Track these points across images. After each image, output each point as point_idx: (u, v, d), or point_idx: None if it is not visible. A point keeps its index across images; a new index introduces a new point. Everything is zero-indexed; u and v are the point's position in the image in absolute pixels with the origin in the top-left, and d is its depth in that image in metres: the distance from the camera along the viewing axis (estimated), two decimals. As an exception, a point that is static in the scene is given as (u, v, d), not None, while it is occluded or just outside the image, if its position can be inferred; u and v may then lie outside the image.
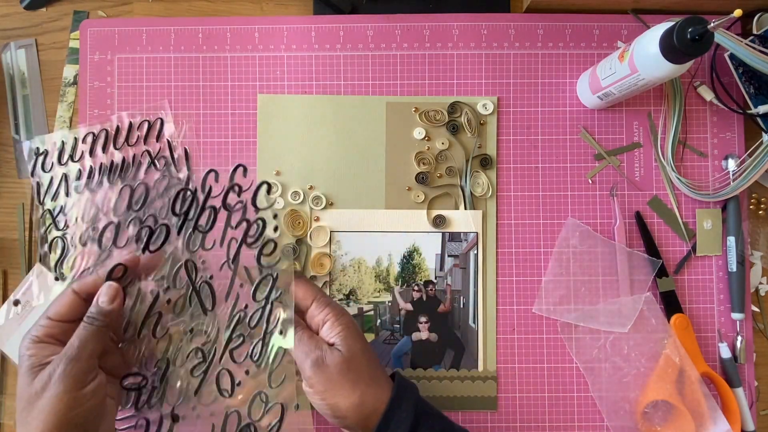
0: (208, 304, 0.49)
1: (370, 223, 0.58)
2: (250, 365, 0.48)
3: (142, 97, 0.59)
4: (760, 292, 0.59)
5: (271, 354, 0.48)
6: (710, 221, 0.58)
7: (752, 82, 0.57)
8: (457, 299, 0.58)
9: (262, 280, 0.48)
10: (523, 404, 0.57)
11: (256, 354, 0.48)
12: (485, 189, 0.58)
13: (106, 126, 0.58)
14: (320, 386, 0.44)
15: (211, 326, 0.49)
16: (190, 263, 0.50)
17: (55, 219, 0.57)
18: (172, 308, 0.49)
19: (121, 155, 0.58)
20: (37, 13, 0.61)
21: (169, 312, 0.49)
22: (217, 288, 0.50)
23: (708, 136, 0.59)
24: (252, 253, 0.49)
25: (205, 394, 0.48)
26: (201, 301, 0.49)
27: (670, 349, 0.56)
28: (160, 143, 0.58)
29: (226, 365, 0.48)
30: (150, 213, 0.53)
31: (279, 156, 0.59)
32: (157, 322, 0.48)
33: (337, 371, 0.44)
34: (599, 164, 0.59)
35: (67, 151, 0.58)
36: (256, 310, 0.48)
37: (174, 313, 0.49)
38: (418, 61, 0.59)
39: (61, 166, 0.58)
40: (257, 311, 0.48)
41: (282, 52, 0.59)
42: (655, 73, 0.46)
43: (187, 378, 0.49)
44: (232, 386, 0.48)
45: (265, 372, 0.48)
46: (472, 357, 0.58)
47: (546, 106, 0.59)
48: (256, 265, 0.48)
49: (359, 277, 0.58)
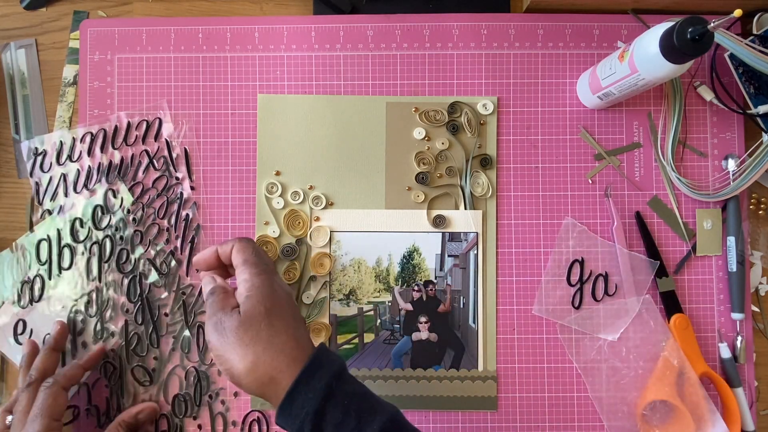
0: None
1: (370, 223, 0.58)
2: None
3: (142, 97, 0.59)
4: (760, 292, 0.59)
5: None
6: (710, 221, 0.58)
7: (752, 82, 0.57)
8: (457, 299, 0.58)
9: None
10: (523, 404, 0.57)
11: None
12: (485, 189, 0.58)
13: (105, 126, 0.58)
14: (216, 350, 0.43)
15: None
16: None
17: (40, 251, 0.58)
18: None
19: (119, 155, 0.58)
20: (37, 13, 0.61)
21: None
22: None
23: (708, 136, 0.59)
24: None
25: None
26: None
27: (668, 351, 0.56)
28: (158, 143, 0.58)
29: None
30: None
31: (279, 156, 0.59)
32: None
33: (232, 334, 0.42)
34: (599, 164, 0.59)
35: (65, 151, 0.58)
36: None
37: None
38: (418, 61, 0.59)
39: (60, 166, 0.58)
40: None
41: (282, 52, 0.59)
42: (655, 73, 0.46)
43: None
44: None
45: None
46: (472, 357, 0.58)
47: (546, 106, 0.59)
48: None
49: (359, 277, 0.58)
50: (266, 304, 0.44)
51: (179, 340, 0.57)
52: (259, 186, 0.58)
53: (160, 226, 0.58)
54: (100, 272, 0.57)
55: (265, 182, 0.58)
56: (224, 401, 0.57)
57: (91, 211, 0.57)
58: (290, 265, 0.58)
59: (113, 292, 0.57)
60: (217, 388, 0.57)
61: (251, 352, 0.42)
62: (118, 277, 0.57)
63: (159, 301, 0.57)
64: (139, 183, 0.58)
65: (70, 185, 0.58)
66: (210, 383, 0.57)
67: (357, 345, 0.58)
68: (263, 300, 0.44)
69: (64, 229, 0.57)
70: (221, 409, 0.57)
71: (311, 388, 0.41)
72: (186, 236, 0.58)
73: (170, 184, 0.58)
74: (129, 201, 0.57)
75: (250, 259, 0.46)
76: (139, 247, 0.57)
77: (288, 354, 0.42)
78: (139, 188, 0.58)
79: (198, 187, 0.59)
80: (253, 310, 0.43)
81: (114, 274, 0.57)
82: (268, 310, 0.43)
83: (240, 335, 0.42)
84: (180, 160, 0.58)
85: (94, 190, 0.58)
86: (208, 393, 0.57)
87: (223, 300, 0.45)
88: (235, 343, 0.42)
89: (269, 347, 0.42)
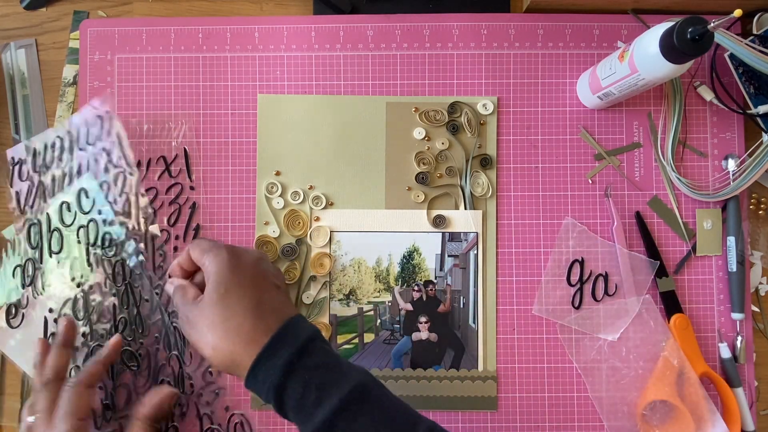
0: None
1: (370, 223, 0.58)
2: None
3: (142, 97, 0.59)
4: (760, 292, 0.59)
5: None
6: (710, 221, 0.58)
7: (752, 82, 0.57)
8: (457, 299, 0.58)
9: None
10: (523, 404, 0.57)
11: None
12: (485, 189, 0.58)
13: (70, 129, 0.58)
14: (189, 340, 0.46)
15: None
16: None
17: (31, 235, 0.57)
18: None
19: (84, 156, 0.58)
20: (37, 13, 0.61)
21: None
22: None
23: (708, 136, 0.59)
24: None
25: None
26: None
27: (668, 351, 0.56)
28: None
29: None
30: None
31: (279, 156, 0.59)
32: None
33: (195, 323, 0.45)
34: (599, 164, 0.59)
35: (38, 158, 0.58)
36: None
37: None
38: (418, 61, 0.59)
39: (35, 173, 0.58)
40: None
41: (282, 52, 0.59)
42: (655, 73, 0.46)
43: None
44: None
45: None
46: (472, 357, 0.58)
47: (546, 106, 0.59)
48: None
49: (359, 277, 0.58)
50: (221, 289, 0.45)
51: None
52: (259, 186, 0.58)
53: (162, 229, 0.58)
54: (87, 256, 0.57)
55: (265, 182, 0.58)
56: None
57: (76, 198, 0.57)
58: (290, 265, 0.58)
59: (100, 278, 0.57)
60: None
61: (210, 338, 0.44)
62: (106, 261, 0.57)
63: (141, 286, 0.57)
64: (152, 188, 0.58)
65: (48, 190, 0.58)
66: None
67: (357, 345, 0.58)
68: (218, 286, 0.45)
69: (53, 216, 0.57)
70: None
71: (271, 366, 0.42)
72: (187, 236, 0.58)
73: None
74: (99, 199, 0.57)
75: (205, 247, 0.48)
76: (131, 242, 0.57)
77: (244, 337, 0.43)
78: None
79: (198, 187, 0.59)
80: (209, 299, 0.45)
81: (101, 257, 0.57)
82: (223, 295, 0.45)
83: (201, 324, 0.44)
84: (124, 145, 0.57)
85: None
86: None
87: (183, 295, 0.47)
88: (198, 332, 0.45)
89: (225, 333, 0.44)
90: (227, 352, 0.43)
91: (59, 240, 0.57)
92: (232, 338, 0.43)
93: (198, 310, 0.45)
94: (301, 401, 0.41)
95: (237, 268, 0.46)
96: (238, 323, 0.44)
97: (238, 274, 0.46)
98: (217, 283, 0.45)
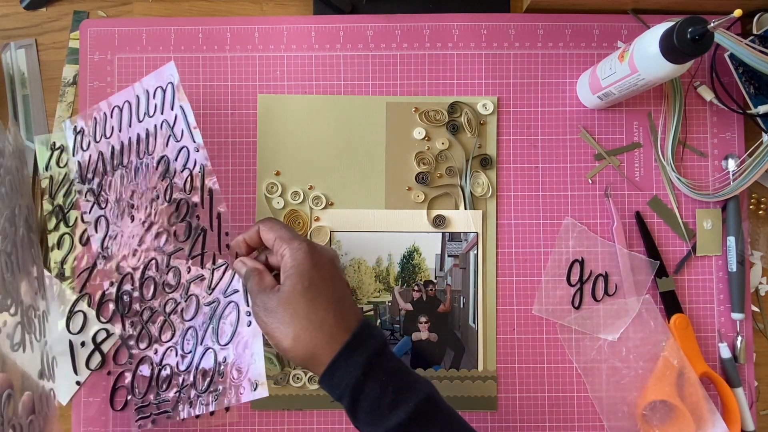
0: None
1: (370, 223, 0.58)
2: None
3: (142, 97, 0.59)
4: (760, 292, 0.59)
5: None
6: (710, 221, 0.58)
7: (752, 82, 0.57)
8: (457, 299, 0.58)
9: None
10: (523, 404, 0.57)
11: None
12: (485, 189, 0.58)
13: (94, 114, 0.58)
14: (264, 329, 0.45)
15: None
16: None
17: (65, 215, 0.58)
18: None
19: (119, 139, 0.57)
20: (37, 13, 0.61)
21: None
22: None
23: (708, 136, 0.59)
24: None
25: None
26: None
27: (668, 351, 0.56)
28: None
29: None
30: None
31: (279, 156, 0.59)
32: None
33: (274, 313, 0.44)
34: (599, 164, 0.59)
35: (78, 142, 0.58)
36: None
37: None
38: (418, 61, 0.59)
39: (75, 158, 0.59)
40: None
41: (282, 52, 0.59)
42: (655, 73, 0.46)
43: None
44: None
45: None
46: (472, 357, 0.58)
47: (546, 106, 0.59)
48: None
49: (359, 277, 0.58)
50: (305, 281, 0.44)
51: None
52: (259, 186, 0.58)
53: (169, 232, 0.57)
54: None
55: (265, 182, 0.58)
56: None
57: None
58: (290, 265, 0.58)
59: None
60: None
61: (291, 330, 0.43)
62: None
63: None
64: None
65: (86, 175, 0.58)
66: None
67: (357, 345, 0.58)
68: (303, 278, 0.45)
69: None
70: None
71: (351, 363, 0.42)
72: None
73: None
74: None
75: (284, 236, 0.47)
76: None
77: (327, 331, 0.44)
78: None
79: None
80: (293, 289, 0.44)
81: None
82: (307, 287, 0.44)
83: (281, 314, 0.44)
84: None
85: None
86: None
87: (259, 282, 0.47)
88: (278, 321, 0.44)
89: (308, 325, 0.43)
90: (308, 345, 0.43)
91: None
92: (314, 332, 0.43)
93: (278, 300, 0.44)
94: (376, 402, 0.42)
95: (318, 264, 0.46)
96: (321, 318, 0.44)
97: (320, 270, 0.46)
98: (300, 275, 0.45)
